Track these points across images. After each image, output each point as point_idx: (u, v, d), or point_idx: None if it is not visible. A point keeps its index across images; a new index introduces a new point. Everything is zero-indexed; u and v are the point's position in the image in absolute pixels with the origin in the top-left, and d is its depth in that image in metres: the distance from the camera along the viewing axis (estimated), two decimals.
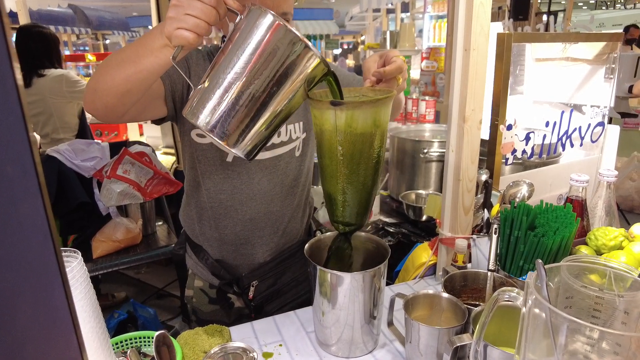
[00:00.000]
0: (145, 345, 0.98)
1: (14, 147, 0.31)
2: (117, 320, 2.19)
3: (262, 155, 1.18)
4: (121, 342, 0.96)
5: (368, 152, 0.86)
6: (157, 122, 1.12)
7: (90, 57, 5.16)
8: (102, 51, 10.47)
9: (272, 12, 0.74)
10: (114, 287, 3.10)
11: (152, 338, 0.86)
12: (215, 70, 0.78)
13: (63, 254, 0.62)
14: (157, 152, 2.73)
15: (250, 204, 1.21)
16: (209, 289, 1.29)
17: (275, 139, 1.18)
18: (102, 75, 0.85)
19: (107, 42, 11.91)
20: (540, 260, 0.61)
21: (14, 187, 0.31)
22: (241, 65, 0.75)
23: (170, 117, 1.10)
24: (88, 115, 3.25)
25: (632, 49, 4.90)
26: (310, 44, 0.77)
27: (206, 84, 0.78)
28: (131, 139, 3.60)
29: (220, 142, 0.78)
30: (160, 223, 2.56)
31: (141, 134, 3.96)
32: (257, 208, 1.21)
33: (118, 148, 2.28)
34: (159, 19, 3.20)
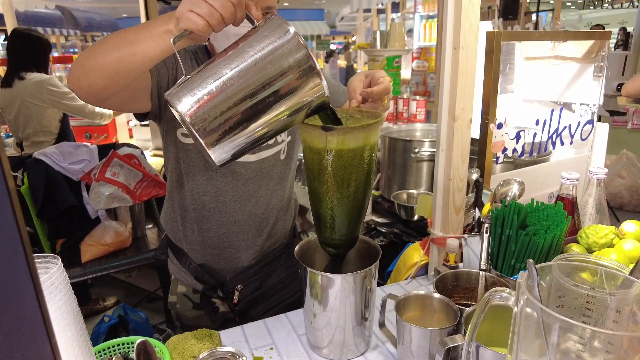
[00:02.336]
0: (132, 352, 0.96)
1: None
2: (108, 325, 2.15)
3: (247, 158, 1.16)
4: (108, 348, 0.94)
5: (358, 174, 0.86)
6: (141, 117, 1.09)
7: None
8: None
9: (293, 27, 0.72)
10: (104, 291, 3.06)
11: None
12: (214, 64, 0.72)
13: (43, 260, 0.60)
14: (146, 155, 2.70)
15: (234, 207, 1.19)
16: (193, 294, 1.27)
17: None
18: (94, 52, 0.82)
19: None
20: (531, 260, 0.60)
21: None
22: (245, 65, 0.71)
23: (153, 114, 1.08)
24: (73, 120, 3.22)
25: None
26: (321, 72, 0.74)
27: (200, 73, 0.72)
28: (120, 141, 3.56)
29: (197, 136, 0.71)
30: (150, 226, 2.53)
31: (131, 137, 3.92)
32: (242, 210, 1.20)
33: (107, 150, 2.25)
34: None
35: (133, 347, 0.95)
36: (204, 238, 1.21)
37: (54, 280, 0.55)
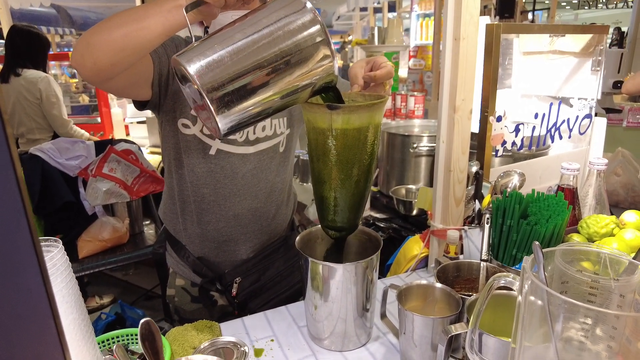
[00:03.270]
0: (132, 343, 0.95)
1: None
2: (105, 322, 2.14)
3: (246, 150, 1.16)
4: (107, 340, 0.93)
5: (362, 155, 0.85)
6: (140, 106, 1.08)
7: None
8: None
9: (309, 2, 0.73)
10: (101, 289, 3.04)
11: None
12: (225, 30, 0.72)
13: (44, 242, 0.60)
14: (143, 152, 2.69)
15: (234, 200, 1.18)
16: (191, 287, 1.26)
17: (259, 133, 1.16)
18: (100, 29, 0.80)
19: None
20: (537, 243, 0.60)
21: None
22: (259, 34, 0.71)
23: (153, 103, 1.07)
24: (69, 117, 3.19)
25: None
26: (334, 49, 0.74)
27: (210, 38, 0.71)
28: (117, 138, 3.54)
29: (206, 99, 0.70)
30: (147, 222, 2.52)
31: (127, 134, 3.90)
32: (241, 204, 1.19)
33: (104, 146, 2.23)
34: None
35: (132, 339, 0.94)
36: (204, 231, 1.21)
37: (55, 262, 0.55)
